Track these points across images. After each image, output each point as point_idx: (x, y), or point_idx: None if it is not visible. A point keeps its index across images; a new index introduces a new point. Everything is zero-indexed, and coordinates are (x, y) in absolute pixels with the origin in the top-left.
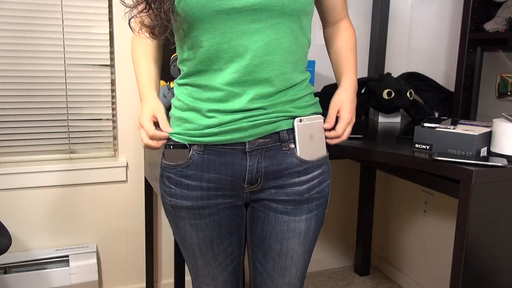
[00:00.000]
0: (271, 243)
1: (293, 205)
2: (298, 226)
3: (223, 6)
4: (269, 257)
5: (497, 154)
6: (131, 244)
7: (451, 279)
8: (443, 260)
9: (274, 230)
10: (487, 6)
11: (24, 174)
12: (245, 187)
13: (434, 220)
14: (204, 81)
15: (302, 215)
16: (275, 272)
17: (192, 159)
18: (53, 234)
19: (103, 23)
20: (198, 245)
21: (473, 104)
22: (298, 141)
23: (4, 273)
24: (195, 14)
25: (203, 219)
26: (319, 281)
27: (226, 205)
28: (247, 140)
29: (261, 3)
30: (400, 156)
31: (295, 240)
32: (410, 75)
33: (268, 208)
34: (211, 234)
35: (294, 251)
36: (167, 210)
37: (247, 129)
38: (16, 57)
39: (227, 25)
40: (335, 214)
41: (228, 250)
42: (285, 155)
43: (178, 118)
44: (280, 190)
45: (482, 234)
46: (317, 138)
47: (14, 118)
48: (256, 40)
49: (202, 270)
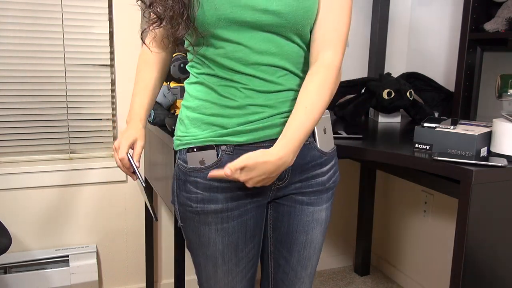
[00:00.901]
0: (297, 236)
1: (316, 195)
2: (321, 215)
3: (237, 18)
4: (294, 249)
5: (497, 154)
6: (131, 244)
7: (451, 279)
8: (443, 260)
9: (300, 222)
10: (487, 6)
11: (24, 174)
12: (274, 184)
13: (434, 220)
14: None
15: (323, 204)
16: (299, 264)
17: (222, 159)
18: (53, 234)
19: (103, 23)
20: (222, 251)
21: (473, 104)
22: (317, 134)
23: (4, 273)
24: (210, 25)
25: (231, 222)
26: (319, 281)
27: (254, 204)
28: (277, 137)
29: (274, 23)
30: (400, 156)
31: (318, 230)
32: (410, 75)
33: (294, 201)
34: (237, 237)
35: (317, 241)
36: (188, 218)
37: (279, 125)
38: (16, 57)
39: (240, 34)
40: (335, 214)
41: (250, 255)
42: (308, 149)
43: (201, 120)
44: (305, 183)
45: (482, 234)
46: (328, 131)
47: (14, 118)
48: (269, 47)
49: (222, 281)
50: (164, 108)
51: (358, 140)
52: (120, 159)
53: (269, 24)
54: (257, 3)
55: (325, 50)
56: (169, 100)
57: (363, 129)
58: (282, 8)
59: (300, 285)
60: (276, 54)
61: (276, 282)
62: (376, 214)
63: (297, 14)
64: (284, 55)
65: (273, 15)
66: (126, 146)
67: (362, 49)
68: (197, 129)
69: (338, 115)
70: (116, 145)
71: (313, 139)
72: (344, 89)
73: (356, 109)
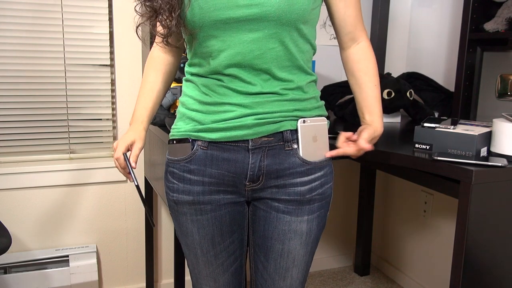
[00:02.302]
0: (272, 243)
1: (294, 205)
2: (300, 226)
3: (221, 16)
4: (270, 257)
5: (497, 154)
6: (131, 244)
7: (451, 279)
8: (443, 260)
9: (275, 230)
10: (487, 6)
11: (24, 174)
12: (247, 185)
13: (434, 220)
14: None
15: (303, 215)
16: (276, 273)
17: (196, 153)
18: (53, 234)
19: (103, 23)
20: (200, 242)
21: (473, 104)
22: (301, 142)
23: (4, 273)
24: (196, 24)
25: (204, 215)
26: (319, 281)
27: (227, 201)
28: (250, 138)
29: (258, 14)
30: (400, 156)
31: (297, 241)
32: (410, 75)
33: (270, 207)
34: (212, 230)
35: (296, 252)
36: (170, 207)
37: (252, 126)
38: (16, 57)
39: (226, 34)
40: (335, 214)
41: (230, 249)
42: (288, 155)
43: (185, 114)
44: (281, 190)
45: (482, 234)
46: (321, 140)
47: (14, 118)
48: (253, 49)
49: (204, 270)
50: (164, 108)
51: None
52: (116, 158)
53: (252, 19)
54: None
55: (358, 38)
56: (169, 100)
57: None
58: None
59: None
60: (260, 57)
61: (257, 286)
62: (376, 214)
63: (280, 7)
64: (269, 59)
65: (256, 8)
66: (123, 147)
67: None
68: (182, 123)
69: (338, 115)
70: (114, 145)
71: (297, 146)
72: (344, 89)
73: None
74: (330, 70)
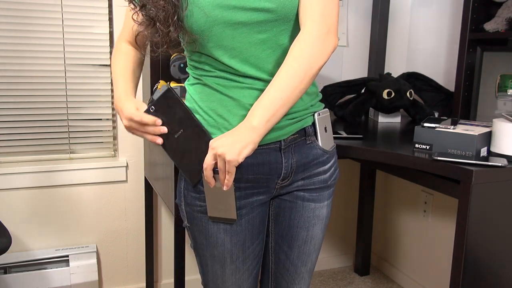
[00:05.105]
0: (298, 231)
1: (318, 192)
2: (322, 212)
3: (229, 21)
4: (295, 245)
5: (497, 154)
6: (131, 244)
7: (451, 279)
8: (443, 260)
9: (301, 218)
10: (487, 6)
11: (24, 174)
12: (278, 183)
13: (434, 220)
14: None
15: (325, 201)
16: (299, 260)
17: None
18: (53, 234)
19: (103, 23)
20: (231, 250)
21: (473, 104)
22: (319, 133)
23: (4, 273)
24: (203, 31)
25: (239, 220)
26: (319, 281)
27: (259, 202)
28: (283, 138)
29: (266, 16)
30: (400, 156)
31: (319, 226)
32: (410, 75)
33: (296, 197)
34: (244, 235)
35: (317, 237)
36: (196, 219)
37: (285, 127)
38: (16, 57)
39: (235, 40)
40: (335, 214)
41: (256, 251)
42: (310, 148)
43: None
44: (308, 180)
45: (482, 234)
46: (329, 129)
47: (14, 118)
48: (264, 49)
49: (229, 279)
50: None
51: (358, 140)
52: (129, 118)
53: (261, 21)
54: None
55: (303, 25)
56: None
57: (363, 129)
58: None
59: (299, 280)
60: (254, 65)
61: (276, 278)
62: (376, 214)
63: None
64: (264, 70)
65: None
66: (133, 108)
67: (362, 49)
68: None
69: (338, 115)
70: (127, 116)
71: (315, 138)
72: (344, 89)
73: (356, 109)
74: (330, 70)
